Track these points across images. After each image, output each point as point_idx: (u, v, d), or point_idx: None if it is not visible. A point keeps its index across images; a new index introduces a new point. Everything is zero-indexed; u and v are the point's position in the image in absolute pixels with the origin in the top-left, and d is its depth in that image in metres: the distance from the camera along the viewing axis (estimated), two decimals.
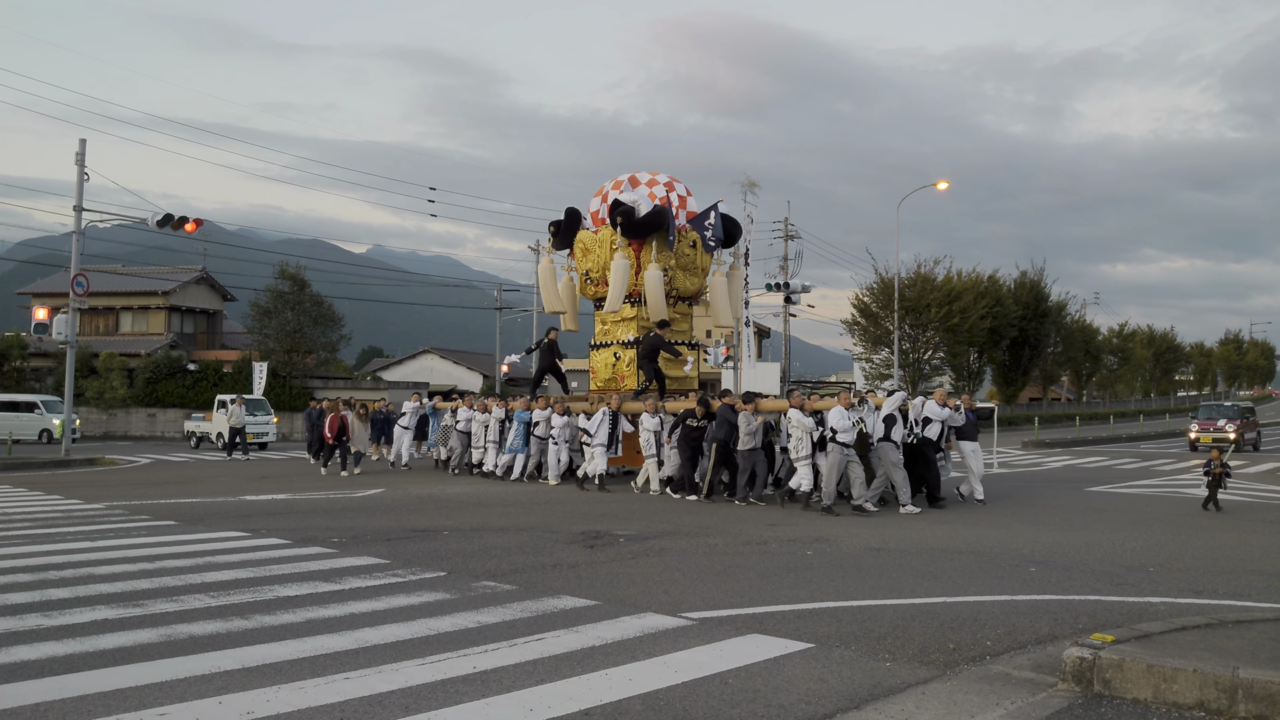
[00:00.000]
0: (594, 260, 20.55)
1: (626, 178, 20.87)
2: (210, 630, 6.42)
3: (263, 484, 18.22)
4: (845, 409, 13.91)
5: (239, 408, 26.93)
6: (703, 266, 20.87)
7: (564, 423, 18.22)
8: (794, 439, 14.20)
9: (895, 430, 14.05)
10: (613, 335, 20.72)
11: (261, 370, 37.70)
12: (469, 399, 21.38)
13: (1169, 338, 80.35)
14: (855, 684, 5.37)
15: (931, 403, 14.82)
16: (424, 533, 11.33)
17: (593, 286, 20.94)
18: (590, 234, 20.81)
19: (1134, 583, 8.51)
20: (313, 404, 26.19)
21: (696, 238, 20.31)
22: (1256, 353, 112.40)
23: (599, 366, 21.00)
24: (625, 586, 8.06)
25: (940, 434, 14.85)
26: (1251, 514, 14.18)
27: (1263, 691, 4.72)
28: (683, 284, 20.47)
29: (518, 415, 18.89)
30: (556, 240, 21.82)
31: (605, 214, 20.29)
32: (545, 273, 21.98)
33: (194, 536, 10.95)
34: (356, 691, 5.12)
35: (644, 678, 5.40)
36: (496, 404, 19.90)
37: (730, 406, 15.21)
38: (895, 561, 9.58)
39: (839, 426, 13.74)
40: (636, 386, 19.30)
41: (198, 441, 32.54)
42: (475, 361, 61.46)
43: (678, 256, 20.14)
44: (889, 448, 14.00)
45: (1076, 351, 51.83)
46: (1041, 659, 5.87)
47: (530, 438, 18.71)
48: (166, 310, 46.72)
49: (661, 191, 20.34)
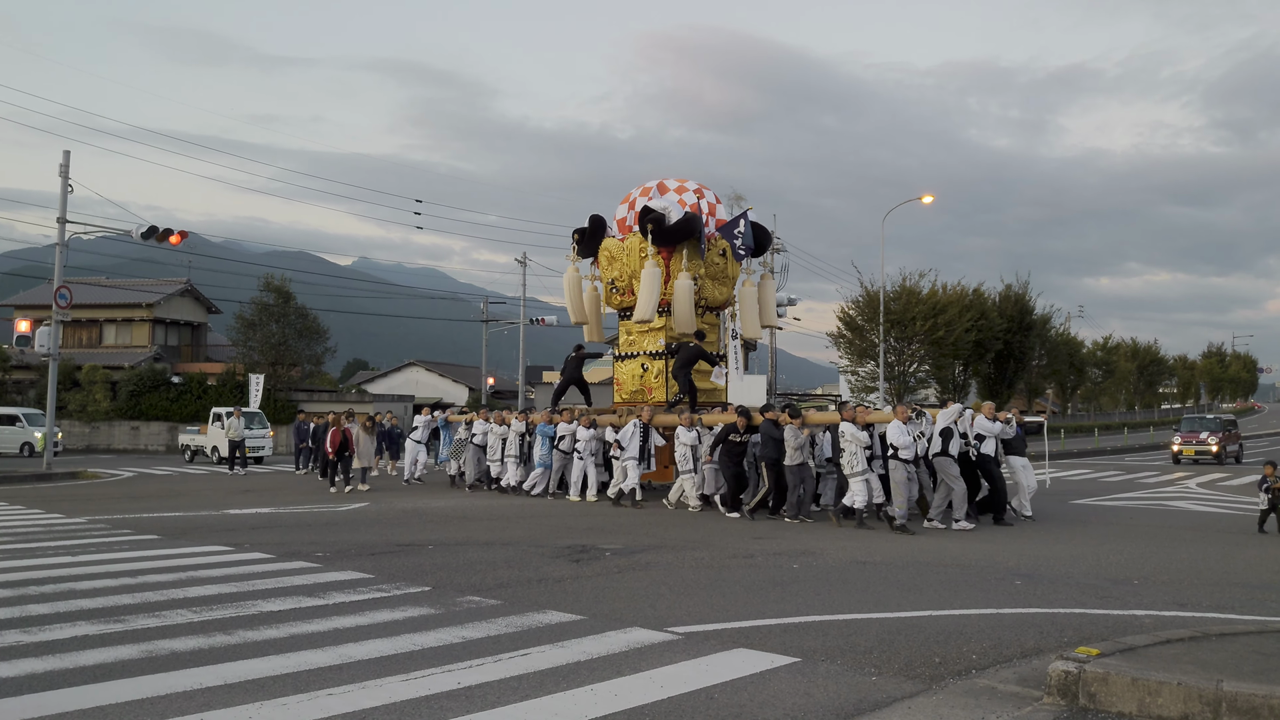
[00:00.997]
0: (620, 269, 19.95)
1: (655, 184, 20.26)
2: (192, 646, 6.36)
3: (246, 498, 18.11)
4: (902, 422, 13.36)
5: (237, 420, 26.11)
6: (732, 276, 20.31)
7: (590, 436, 17.51)
8: (847, 453, 13.57)
9: (952, 444, 13.53)
10: (639, 346, 20.10)
11: (258, 383, 37.10)
12: (483, 412, 20.75)
13: (1153, 351, 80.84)
14: (841, 699, 5.36)
15: (981, 417, 14.28)
16: (408, 547, 11.27)
17: (618, 296, 20.28)
18: (616, 242, 20.21)
19: (1118, 595, 8.53)
20: (301, 417, 25.95)
21: (726, 246, 19.70)
22: (1239, 366, 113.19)
23: (625, 378, 20.35)
24: (611, 601, 8.04)
25: (995, 449, 14.29)
26: (1235, 526, 14.25)
27: (1246, 704, 4.73)
28: (711, 293, 19.89)
29: (540, 429, 18.22)
30: (581, 248, 20.99)
31: (633, 221, 19.77)
32: (570, 282, 21.22)
33: (176, 551, 10.86)
34: (340, 708, 5.08)
35: (629, 693, 5.38)
36: (516, 417, 19.28)
37: (774, 422, 14.60)
38: (881, 575, 9.58)
39: (899, 443, 13.20)
40: (665, 398, 18.78)
41: (192, 455, 31.97)
42: (461, 374, 61.34)
43: (707, 265, 19.59)
44: (947, 462, 13.49)
45: (1061, 364, 52.12)
46: (1027, 672, 5.87)
47: (554, 452, 18.08)
48: (150, 323, 46.47)
49: (691, 198, 19.79)
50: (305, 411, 27.56)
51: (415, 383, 58.46)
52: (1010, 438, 14.65)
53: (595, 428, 17.63)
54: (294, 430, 25.59)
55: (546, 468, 18.16)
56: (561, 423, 18.00)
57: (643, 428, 16.61)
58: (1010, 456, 14.81)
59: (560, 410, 18.82)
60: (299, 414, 26.74)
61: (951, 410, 13.79)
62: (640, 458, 16.52)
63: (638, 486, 16.45)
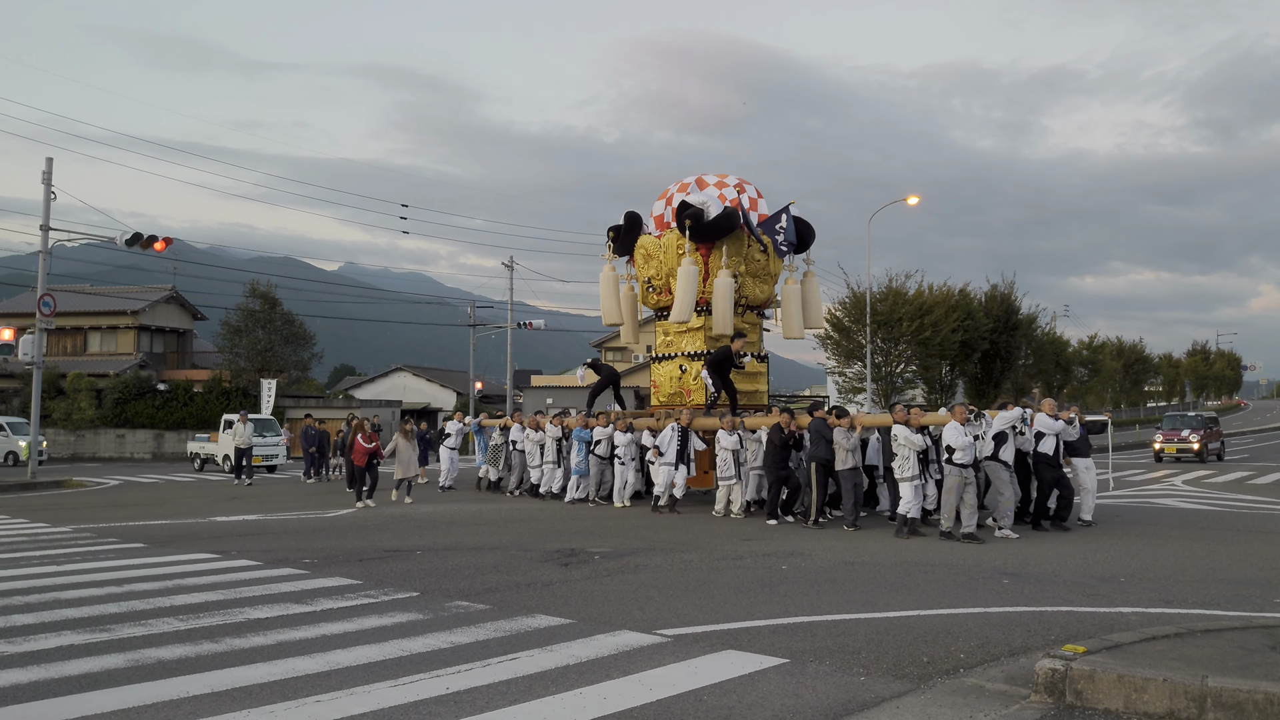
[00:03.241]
0: (657, 267, 19.23)
1: (693, 179, 19.43)
2: (179, 654, 6.33)
3: (233, 505, 18.02)
4: (961, 424, 12.64)
5: (244, 426, 24.31)
6: (774, 273, 19.48)
7: (627, 440, 17.09)
8: (899, 457, 12.98)
9: (1006, 449, 13.01)
10: (677, 347, 19.28)
11: (270, 388, 35.94)
12: (518, 415, 20.21)
13: (1138, 349, 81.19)
14: (830, 699, 5.37)
15: (1042, 415, 13.61)
16: (396, 553, 11.24)
17: (655, 295, 19.51)
18: (653, 239, 19.48)
19: (1105, 593, 8.57)
20: (308, 421, 24.96)
21: (769, 242, 18.82)
22: (1223, 363, 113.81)
23: (662, 380, 19.51)
24: (600, 604, 8.03)
25: (1055, 449, 13.61)
26: (1220, 523, 14.33)
27: (1231, 700, 4.76)
28: (752, 292, 19.01)
29: (576, 434, 17.79)
30: (616, 246, 20.23)
31: (669, 218, 19.04)
32: (607, 281, 20.37)
33: (163, 559, 10.80)
34: (328, 714, 5.06)
35: (619, 696, 5.38)
36: (551, 421, 18.80)
37: (823, 421, 14.06)
38: (869, 575, 9.61)
39: (957, 445, 12.49)
40: (705, 401, 17.99)
41: (202, 464, 30.77)
42: (449, 379, 61.16)
43: (748, 262, 18.75)
44: (998, 467, 12.99)
45: (1047, 364, 52.29)
46: (1014, 671, 5.89)
47: (590, 457, 17.68)
48: (136, 330, 46.24)
49: (731, 193, 18.94)
50: (313, 416, 26.57)
51: (402, 388, 58.28)
52: (1074, 438, 14.00)
53: (632, 431, 17.27)
54: (302, 436, 24.61)
55: (581, 474, 17.79)
56: (598, 427, 17.61)
57: (681, 431, 16.03)
58: (1073, 459, 14.09)
59: (596, 414, 18.44)
60: (307, 418, 25.77)
61: (1011, 414, 13.09)
62: (679, 462, 15.93)
63: (674, 493, 15.87)
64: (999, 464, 13.00)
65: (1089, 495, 14.16)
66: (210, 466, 30.53)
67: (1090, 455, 14.43)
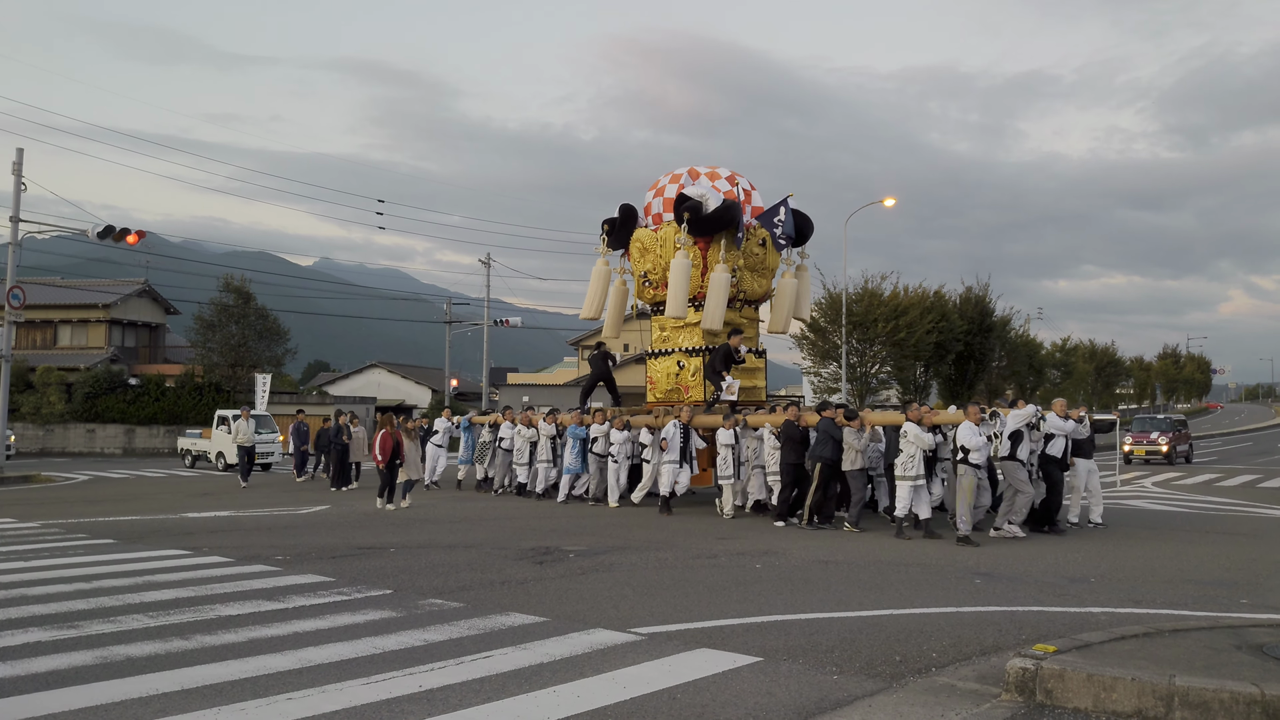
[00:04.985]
0: (653, 261, 18.69)
1: (685, 170, 18.97)
2: (148, 651, 6.27)
3: (205, 501, 17.87)
4: (975, 424, 12.36)
5: (247, 423, 22.76)
6: (771, 267, 19.09)
7: (625, 438, 16.68)
8: (903, 456, 12.64)
9: (1021, 448, 12.70)
10: (674, 342, 18.85)
11: (264, 383, 34.86)
12: (509, 413, 19.71)
13: (1110, 352, 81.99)
14: (802, 698, 5.39)
15: (1053, 415, 13.31)
16: (370, 550, 11.19)
17: (651, 290, 19.03)
18: (650, 232, 18.92)
19: (1076, 593, 8.66)
20: (300, 417, 24.15)
21: (766, 235, 18.51)
22: (1194, 367, 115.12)
23: (659, 376, 19.04)
24: (574, 603, 8.03)
25: (1064, 450, 13.38)
26: (1188, 524, 14.50)
27: (1197, 698, 4.82)
28: (750, 286, 18.65)
29: (571, 431, 17.40)
30: (611, 240, 19.65)
31: (661, 208, 18.68)
32: (599, 275, 19.73)
33: (133, 555, 10.70)
34: (299, 712, 5.03)
35: (592, 694, 5.38)
36: (544, 419, 18.32)
37: (832, 420, 13.76)
38: (843, 574, 9.65)
39: (971, 445, 12.20)
40: (704, 398, 17.72)
41: (194, 461, 30.11)
42: (424, 376, 60.93)
43: (746, 256, 18.34)
44: (1015, 466, 12.68)
45: (1021, 365, 52.69)
46: (986, 670, 5.94)
47: (587, 455, 17.27)
48: (107, 323, 45.76)
49: (725, 185, 18.53)
50: (305, 412, 25.82)
51: (377, 384, 58.00)
52: (1083, 438, 13.80)
53: (629, 429, 16.87)
54: (293, 433, 23.71)
55: (575, 473, 17.45)
56: (594, 424, 17.23)
57: (683, 429, 15.66)
58: (1076, 458, 13.88)
59: (592, 411, 17.96)
60: (300, 414, 25.11)
61: (1025, 412, 12.77)
62: (681, 460, 15.55)
63: (673, 491, 15.52)
64: (1016, 463, 12.71)
65: (1096, 498, 14.00)
66: (203, 464, 29.74)
67: (1094, 456, 14.24)
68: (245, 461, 22.43)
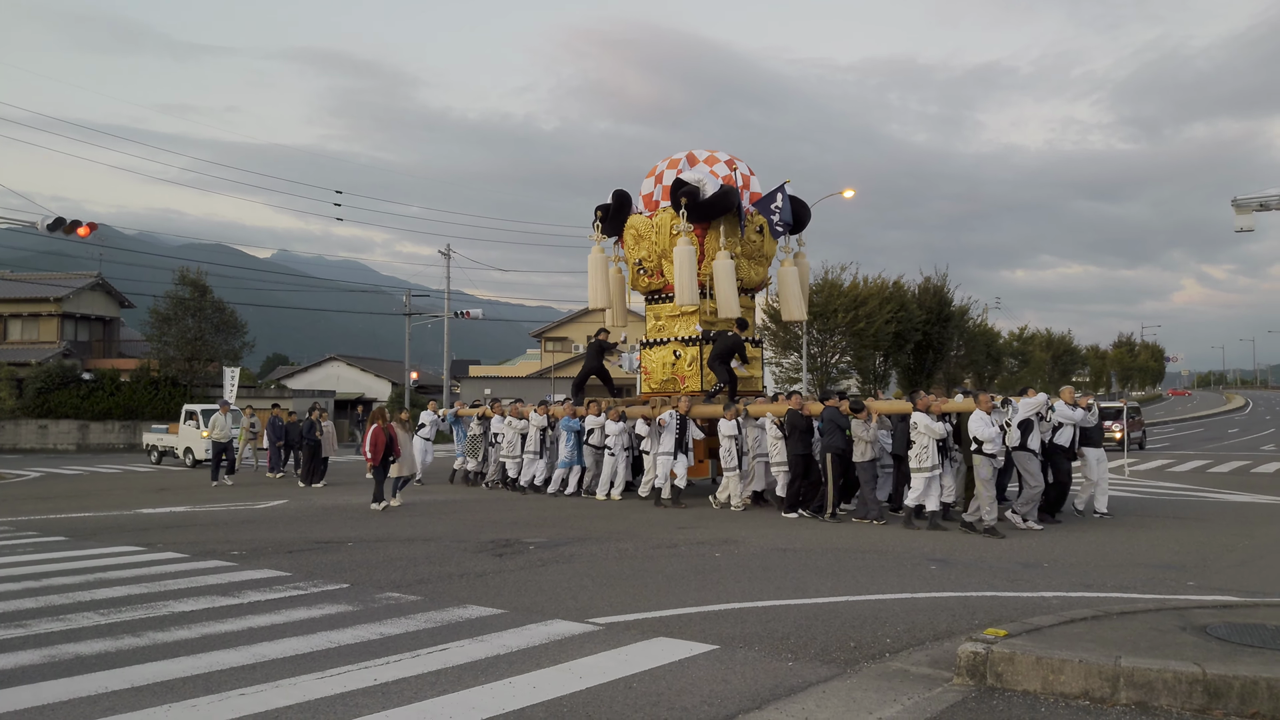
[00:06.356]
0: (648, 248, 18.24)
1: (684, 155, 18.57)
2: (98, 649, 6.18)
3: (161, 496, 17.63)
4: (986, 413, 12.10)
5: (224, 417, 21.41)
6: (768, 255, 18.80)
7: (620, 429, 16.25)
8: (917, 447, 12.45)
9: (1032, 437, 12.43)
10: (669, 331, 18.38)
11: (233, 376, 34.02)
12: (498, 405, 19.23)
13: (1066, 341, 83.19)
14: (758, 684, 5.42)
15: (1060, 403, 13.07)
16: (327, 544, 11.10)
17: (645, 278, 18.55)
18: (644, 219, 18.46)
19: (1029, 578, 8.79)
20: (275, 412, 23.34)
21: (763, 222, 18.20)
22: (1148, 355, 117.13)
23: (654, 366, 18.59)
24: (533, 594, 8.02)
25: (1072, 439, 13.17)
26: (1140, 510, 14.74)
27: (1142, 679, 4.92)
28: (747, 274, 18.21)
29: (564, 423, 17.01)
30: (605, 226, 19.21)
31: (660, 197, 18.29)
32: (596, 263, 19.23)
33: (85, 552, 10.53)
34: (251, 708, 4.99)
35: (548, 685, 5.38)
36: (535, 410, 17.92)
37: (836, 409, 13.51)
38: (801, 561, 9.72)
39: (984, 436, 11.98)
40: (700, 387, 17.37)
41: (160, 456, 29.19)
42: (383, 369, 60.44)
43: (743, 243, 17.99)
44: (1027, 456, 12.45)
45: (978, 354, 53.34)
46: (939, 655, 6.01)
47: (583, 448, 16.84)
48: (59, 318, 44.90)
49: (724, 170, 18.08)
50: (280, 406, 25.08)
51: (336, 378, 57.44)
52: (1091, 426, 13.57)
53: (625, 420, 16.45)
54: (269, 428, 22.89)
55: (569, 465, 17.01)
56: (590, 415, 16.79)
57: (680, 419, 15.32)
58: (1085, 448, 13.69)
59: (587, 402, 17.45)
60: (275, 408, 23.92)
61: (1036, 400, 12.52)
62: (677, 451, 15.24)
63: (669, 484, 15.22)
64: (1028, 453, 12.48)
65: (1103, 487, 13.81)
66: (169, 460, 28.89)
67: (1102, 445, 14.11)
68: (220, 458, 20.95)
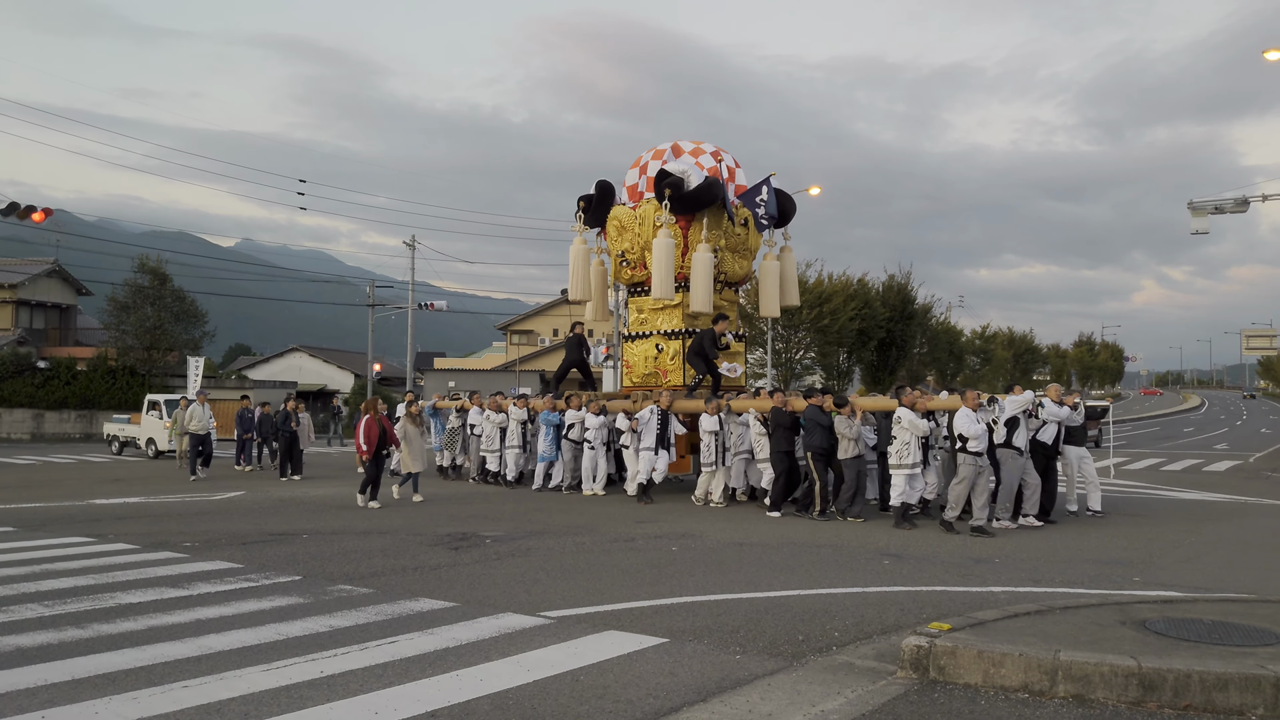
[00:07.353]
0: (631, 240, 17.97)
1: (668, 146, 18.24)
2: (40, 641, 6.10)
3: (115, 487, 17.40)
4: (972, 410, 11.98)
5: (201, 408, 20.56)
6: (752, 248, 18.54)
7: (600, 424, 16.11)
8: (898, 443, 12.27)
9: (1018, 435, 12.29)
10: (652, 325, 18.12)
11: (197, 366, 33.36)
12: (477, 398, 18.94)
13: (1028, 339, 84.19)
14: (704, 677, 5.46)
15: (1048, 401, 12.93)
16: (282, 536, 11.02)
17: (628, 270, 18.32)
18: (628, 210, 18.18)
19: (979, 574, 8.90)
20: (245, 403, 22.74)
21: (748, 215, 17.95)
22: (1107, 354, 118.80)
23: (636, 360, 18.32)
24: (486, 588, 8.01)
25: (1056, 437, 13.05)
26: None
27: (1080, 672, 5.01)
28: (731, 268, 17.99)
29: (544, 417, 16.74)
30: (587, 218, 18.91)
31: (644, 187, 17.95)
32: (578, 255, 18.92)
33: (33, 543, 10.38)
34: (194, 700, 4.95)
35: (495, 678, 5.38)
36: (515, 403, 17.67)
37: (819, 408, 13.32)
38: (755, 556, 9.78)
39: (970, 434, 11.85)
40: (683, 382, 17.14)
41: (121, 447, 28.34)
42: (346, 360, 59.95)
43: (727, 236, 17.72)
44: (1011, 454, 12.30)
45: (941, 352, 53.82)
46: (885, 648, 6.08)
47: (562, 442, 16.59)
48: (14, 304, 44.10)
49: (709, 161, 17.85)
50: (250, 397, 24.49)
51: (299, 368, 56.91)
52: (1077, 424, 13.48)
53: (605, 414, 16.34)
54: (238, 419, 22.30)
55: (548, 459, 16.83)
56: (570, 410, 16.57)
57: (661, 414, 15.14)
58: (1068, 446, 13.49)
59: (566, 396, 17.25)
60: (244, 399, 23.33)
61: (1023, 398, 12.34)
62: (659, 447, 15.10)
63: (650, 479, 15.10)
64: (1013, 450, 12.33)
65: (1093, 485, 13.66)
66: (130, 450, 28.10)
67: (1085, 444, 14.01)
68: (197, 451, 19.82)
